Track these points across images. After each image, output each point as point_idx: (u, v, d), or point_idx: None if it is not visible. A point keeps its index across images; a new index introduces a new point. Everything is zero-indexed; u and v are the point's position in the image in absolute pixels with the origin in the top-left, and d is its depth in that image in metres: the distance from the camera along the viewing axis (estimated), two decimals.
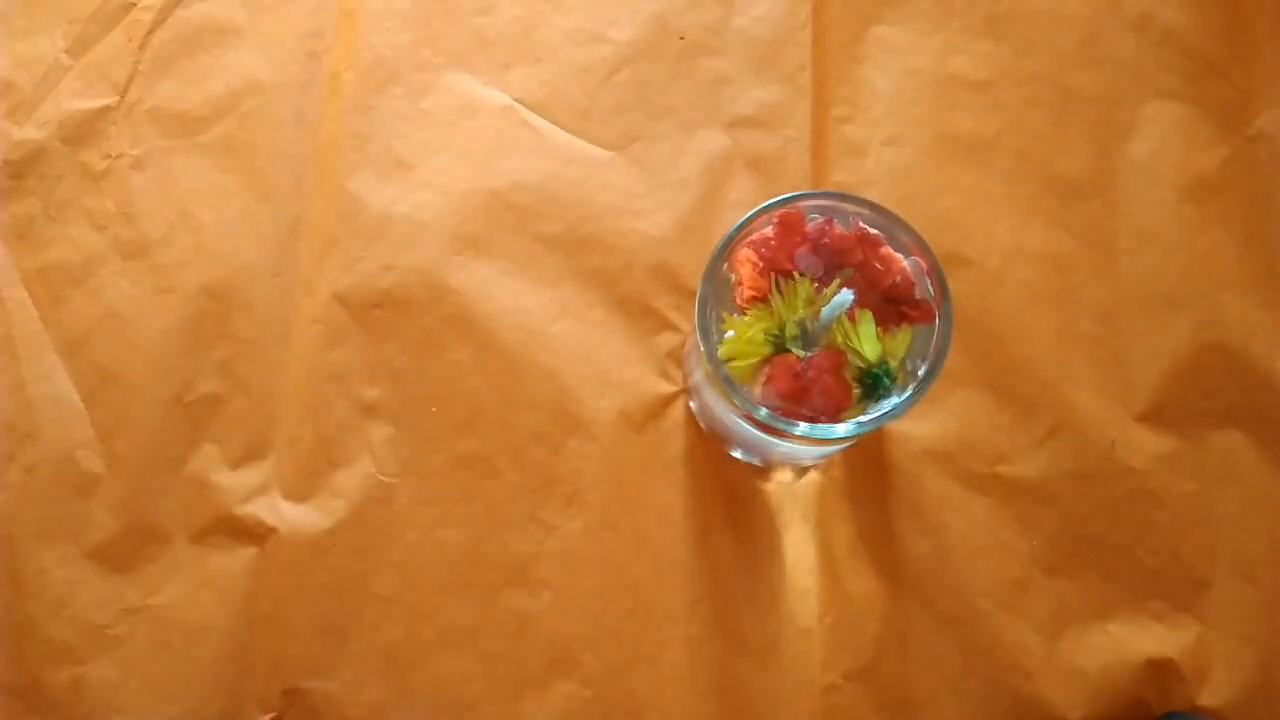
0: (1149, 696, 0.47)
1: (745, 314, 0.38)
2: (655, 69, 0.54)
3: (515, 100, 0.53)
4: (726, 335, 0.38)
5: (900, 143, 0.53)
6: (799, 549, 0.48)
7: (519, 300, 0.51)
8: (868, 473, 0.49)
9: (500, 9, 0.55)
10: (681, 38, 0.54)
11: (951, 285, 0.50)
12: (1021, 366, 0.50)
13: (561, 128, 0.53)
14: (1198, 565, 0.48)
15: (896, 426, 0.49)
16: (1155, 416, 0.50)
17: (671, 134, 0.53)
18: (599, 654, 0.47)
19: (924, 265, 0.38)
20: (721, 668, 0.47)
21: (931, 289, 0.38)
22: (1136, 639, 0.48)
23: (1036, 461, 0.49)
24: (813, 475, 0.49)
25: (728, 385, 0.37)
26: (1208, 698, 0.47)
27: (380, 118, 0.53)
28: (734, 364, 0.38)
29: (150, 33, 0.54)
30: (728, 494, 0.49)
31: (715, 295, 0.39)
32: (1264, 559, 0.48)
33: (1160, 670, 0.47)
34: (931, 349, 0.38)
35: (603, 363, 0.50)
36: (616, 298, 0.51)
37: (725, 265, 0.39)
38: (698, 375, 0.45)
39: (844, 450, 0.48)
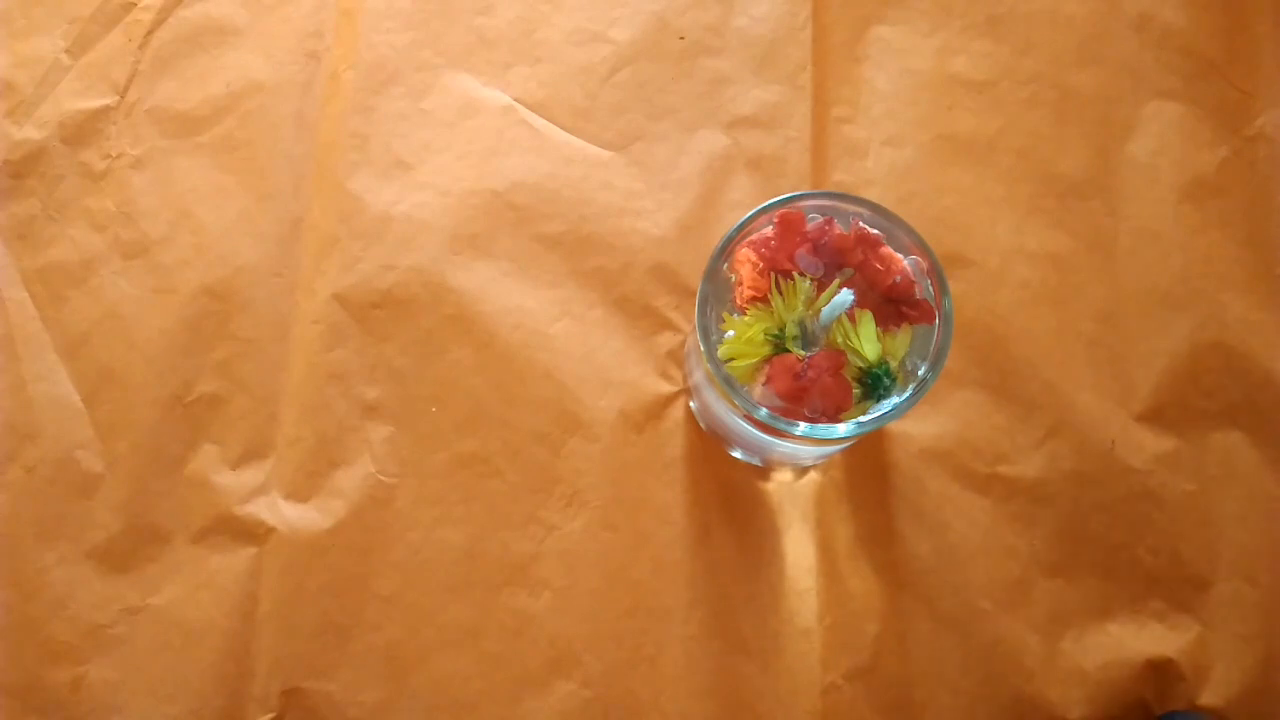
0: (1149, 696, 0.47)
1: (745, 314, 0.38)
2: (655, 69, 0.54)
3: (515, 100, 0.53)
4: (726, 335, 0.38)
5: (900, 143, 0.53)
6: (799, 549, 0.48)
7: (519, 300, 0.51)
8: (868, 473, 0.49)
9: (500, 9, 0.55)
10: (681, 38, 0.54)
11: (951, 285, 0.51)
12: (1021, 366, 0.50)
13: (561, 128, 0.53)
14: (1198, 565, 0.48)
15: (896, 426, 0.49)
16: (1155, 416, 0.50)
17: (671, 134, 0.53)
18: (599, 654, 0.47)
19: (924, 265, 0.38)
20: (721, 668, 0.47)
21: (931, 289, 0.38)
22: (1136, 639, 0.48)
23: (1036, 461, 0.49)
24: (813, 475, 0.49)
25: (728, 385, 0.37)
26: (1208, 698, 0.47)
27: (380, 118, 0.53)
28: (734, 364, 0.38)
29: (150, 33, 0.54)
30: (728, 494, 0.49)
31: (715, 295, 0.39)
32: (1264, 559, 0.48)
33: (1160, 670, 0.47)
34: (931, 349, 0.38)
35: (603, 363, 0.50)
36: (616, 298, 0.51)
37: (725, 265, 0.39)
38: (698, 375, 0.45)
39: (844, 450, 0.48)
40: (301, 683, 0.47)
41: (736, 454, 0.49)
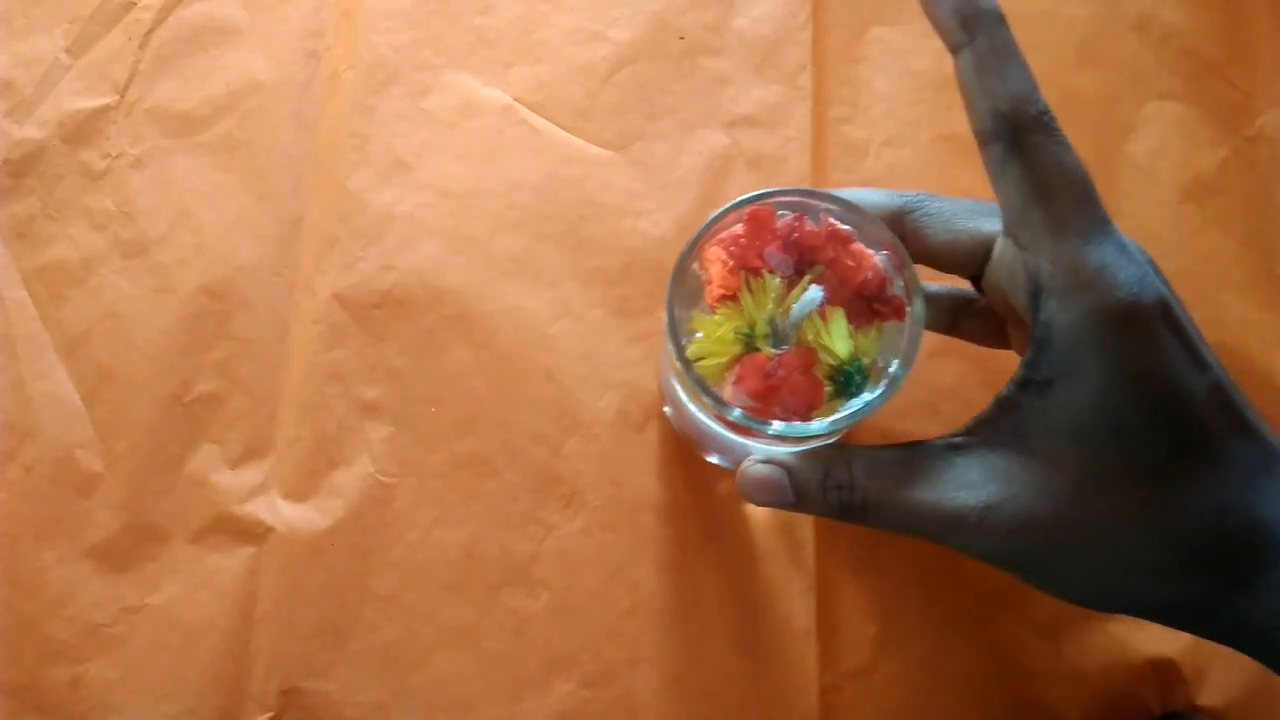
0: (1149, 696, 0.47)
1: (716, 313, 0.38)
2: (655, 69, 0.54)
3: (515, 100, 0.53)
4: (696, 335, 0.38)
5: (900, 143, 0.53)
6: (799, 549, 0.48)
7: (519, 300, 0.51)
8: None
9: (500, 9, 0.55)
10: (681, 38, 0.54)
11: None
12: None
13: (561, 128, 0.53)
14: None
15: (897, 425, 0.49)
16: None
17: (671, 134, 0.53)
18: (598, 654, 0.47)
19: (895, 261, 0.38)
20: (721, 668, 0.47)
21: (903, 285, 0.38)
22: (1136, 639, 0.47)
23: None
24: None
25: (698, 386, 0.37)
26: (1208, 698, 0.47)
27: (380, 118, 0.53)
28: (703, 363, 0.37)
29: (150, 32, 0.54)
30: (727, 494, 0.49)
31: (684, 295, 0.38)
32: None
33: (1160, 670, 0.47)
34: (903, 346, 0.37)
35: (602, 363, 0.50)
36: (616, 298, 0.51)
37: (695, 264, 0.38)
38: (670, 378, 0.44)
39: None
40: (300, 682, 0.47)
41: (712, 459, 0.49)
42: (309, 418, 0.50)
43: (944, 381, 0.50)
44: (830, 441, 0.38)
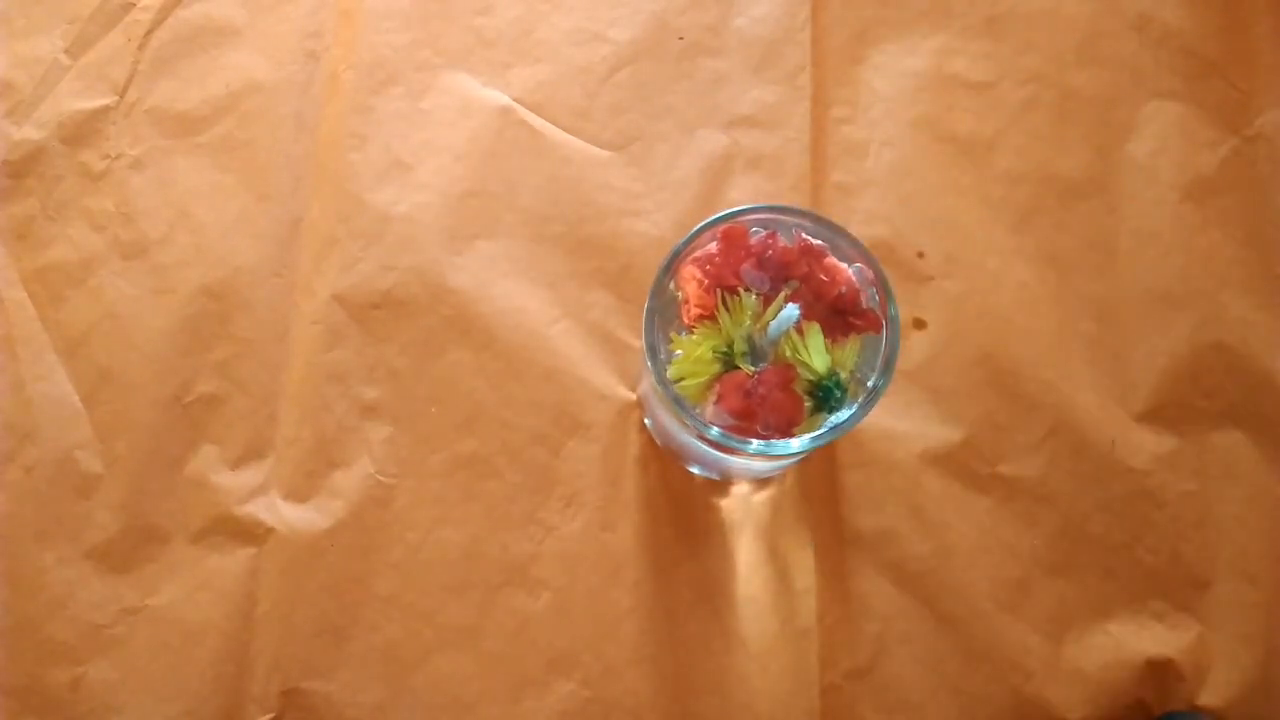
0: (1149, 696, 0.47)
1: (693, 333, 0.37)
2: (655, 69, 0.54)
3: (514, 100, 0.53)
4: (675, 355, 0.38)
5: (900, 143, 0.53)
6: (798, 549, 0.48)
7: (519, 300, 0.51)
8: (868, 472, 0.49)
9: (500, 9, 0.55)
10: (681, 38, 0.54)
11: (951, 285, 0.51)
12: (1021, 366, 0.50)
13: (561, 128, 0.53)
14: (1198, 565, 0.48)
15: (898, 426, 0.49)
16: (1155, 416, 0.50)
17: (671, 134, 0.53)
18: (599, 654, 0.47)
19: (868, 274, 0.38)
20: (721, 668, 0.47)
21: (877, 297, 0.38)
22: (1136, 639, 0.48)
23: (1036, 461, 0.49)
24: (807, 475, 0.49)
25: (678, 405, 0.37)
26: (1208, 698, 0.47)
27: (380, 118, 0.53)
28: (684, 384, 0.37)
29: (149, 33, 0.54)
30: (726, 494, 0.49)
31: (662, 314, 0.38)
32: (1264, 559, 0.48)
33: (1160, 670, 0.47)
34: (880, 357, 0.37)
35: (602, 363, 0.50)
36: (616, 298, 0.51)
37: (671, 284, 0.38)
38: (650, 394, 0.44)
39: (844, 449, 0.48)
40: (300, 683, 0.47)
41: (694, 470, 0.49)
42: (309, 418, 0.50)
43: (942, 382, 0.50)
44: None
